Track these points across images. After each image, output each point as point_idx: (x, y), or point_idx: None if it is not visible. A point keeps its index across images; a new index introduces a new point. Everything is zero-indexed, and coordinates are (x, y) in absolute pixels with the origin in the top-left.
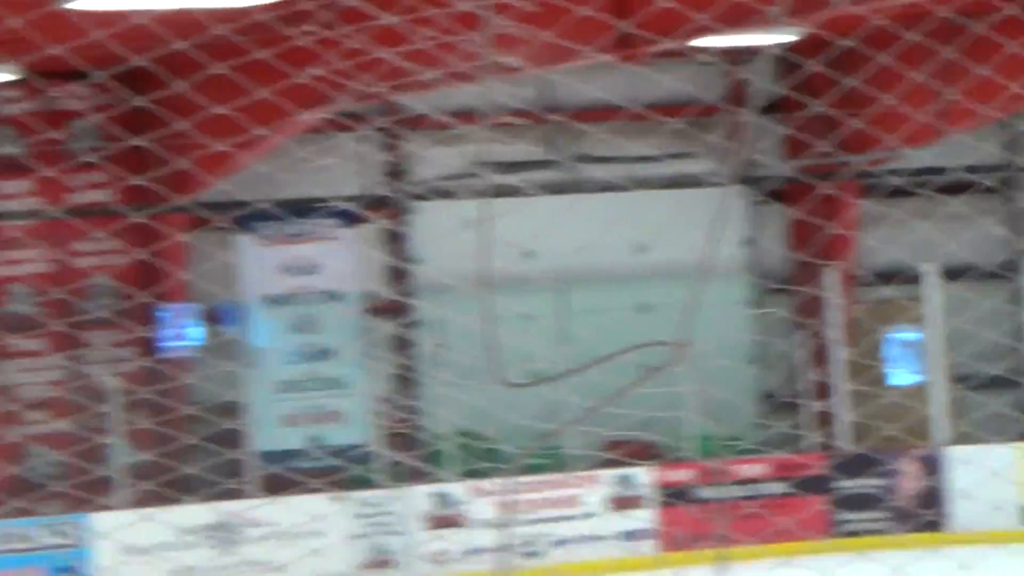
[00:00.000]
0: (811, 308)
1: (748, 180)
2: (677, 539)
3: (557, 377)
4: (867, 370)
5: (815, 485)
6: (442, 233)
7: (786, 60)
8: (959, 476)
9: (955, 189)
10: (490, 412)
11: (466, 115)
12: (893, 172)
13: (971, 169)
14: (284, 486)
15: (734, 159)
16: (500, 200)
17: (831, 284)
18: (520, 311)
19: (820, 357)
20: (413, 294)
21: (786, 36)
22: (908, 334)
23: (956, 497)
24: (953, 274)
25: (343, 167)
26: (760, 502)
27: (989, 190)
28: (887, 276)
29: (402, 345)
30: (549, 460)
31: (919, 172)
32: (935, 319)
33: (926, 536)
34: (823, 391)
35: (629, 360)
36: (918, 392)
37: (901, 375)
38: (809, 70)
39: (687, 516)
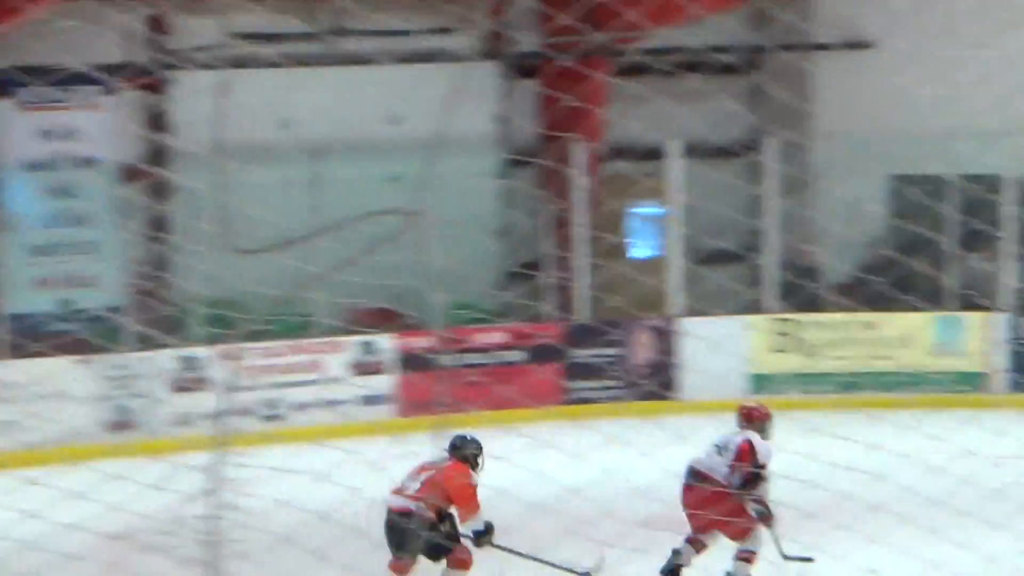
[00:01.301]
0: (556, 182)
1: (501, 55)
2: (414, 406)
3: (291, 243)
4: (607, 243)
5: (548, 354)
6: (199, 103)
7: None
8: (689, 347)
9: (699, 67)
10: (237, 280)
11: None
12: (647, 52)
13: (716, 48)
14: (32, 348)
15: (486, 34)
16: (257, 71)
17: (576, 159)
18: (273, 180)
19: (562, 230)
20: (168, 163)
21: None
22: (650, 209)
23: (685, 367)
24: (694, 151)
25: (105, 36)
26: (494, 370)
27: (730, 68)
28: (632, 152)
29: (155, 213)
30: (296, 328)
31: (666, 50)
32: (676, 195)
33: (654, 404)
34: (563, 263)
35: (379, 230)
36: (656, 265)
37: (641, 249)
38: None
39: (424, 383)
